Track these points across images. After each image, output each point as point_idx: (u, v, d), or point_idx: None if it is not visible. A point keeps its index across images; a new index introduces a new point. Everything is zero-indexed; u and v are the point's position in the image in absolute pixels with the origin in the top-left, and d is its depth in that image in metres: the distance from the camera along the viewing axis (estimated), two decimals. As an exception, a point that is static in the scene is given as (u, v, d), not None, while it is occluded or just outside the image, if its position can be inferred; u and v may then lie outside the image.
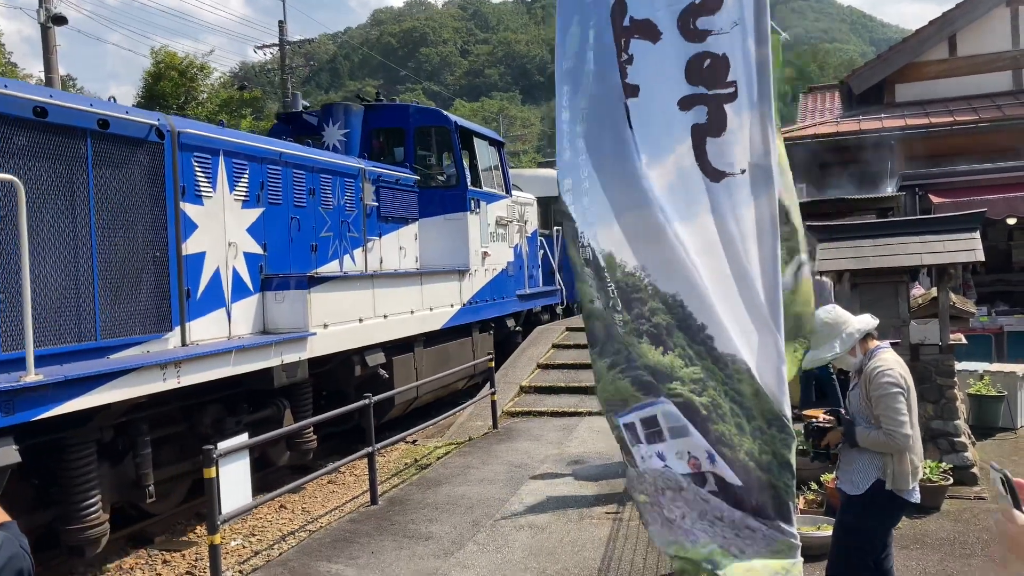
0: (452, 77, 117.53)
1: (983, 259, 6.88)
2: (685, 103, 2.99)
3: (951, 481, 6.40)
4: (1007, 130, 12.87)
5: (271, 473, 8.22)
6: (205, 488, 5.39)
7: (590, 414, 10.46)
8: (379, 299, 9.24)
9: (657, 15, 2.81)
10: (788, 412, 2.08)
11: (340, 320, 8.39)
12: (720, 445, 3.00)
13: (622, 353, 3.30)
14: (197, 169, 7.03)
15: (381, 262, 10.34)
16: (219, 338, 7.22)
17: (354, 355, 8.88)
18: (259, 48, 31.55)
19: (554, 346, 13.38)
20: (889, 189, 11.74)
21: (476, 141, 12.47)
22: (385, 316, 9.31)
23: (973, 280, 11.22)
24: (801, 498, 6.06)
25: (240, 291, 7.57)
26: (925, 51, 14.53)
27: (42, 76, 19.71)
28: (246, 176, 7.76)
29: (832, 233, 7.27)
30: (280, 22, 30.22)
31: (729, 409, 2.98)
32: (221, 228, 7.34)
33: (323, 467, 7.93)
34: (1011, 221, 10.95)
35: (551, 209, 17.87)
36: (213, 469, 5.39)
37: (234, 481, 5.74)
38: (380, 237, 10.34)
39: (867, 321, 3.98)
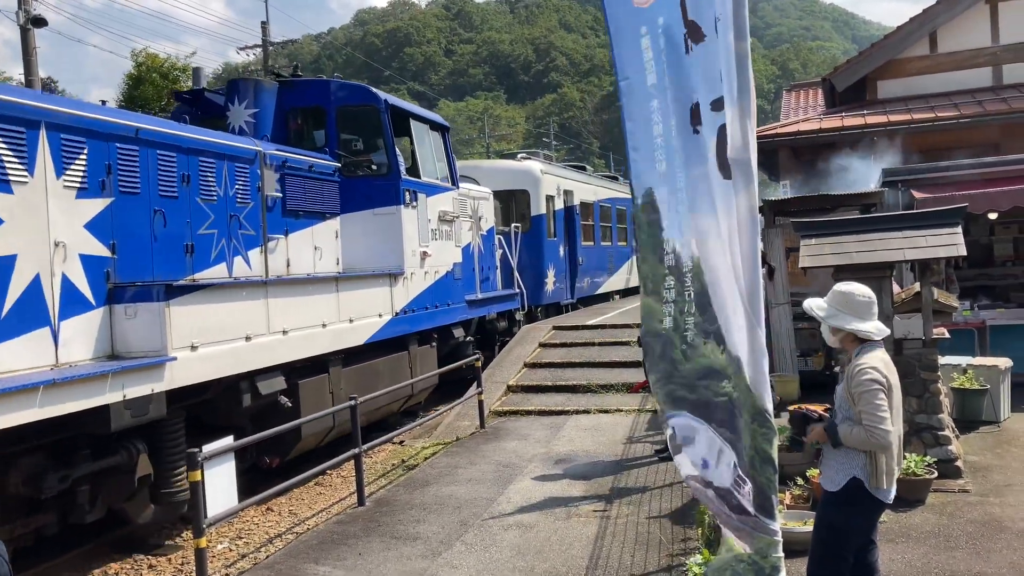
0: (436, 77, 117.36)
1: (965, 254, 6.92)
2: (717, 104, 2.98)
3: (935, 475, 6.44)
4: (988, 126, 12.96)
5: (258, 475, 8.16)
6: (191, 492, 5.36)
7: (577, 412, 10.48)
8: (276, 311, 7.62)
9: (702, 16, 2.77)
10: (770, 407, 2.08)
11: (217, 339, 6.76)
12: (739, 441, 3.01)
13: (667, 370, 3.39)
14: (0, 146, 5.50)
15: (288, 265, 8.82)
16: (39, 367, 5.59)
17: (242, 381, 7.30)
18: (242, 49, 31.41)
19: (541, 345, 13.38)
20: (872, 185, 11.80)
21: (414, 124, 10.96)
22: (285, 332, 7.71)
23: (955, 275, 11.30)
24: (787, 493, 6.08)
25: (74, 305, 5.97)
26: (906, 48, 14.61)
27: (22, 79, 19.53)
28: (83, 157, 6.18)
29: (815, 229, 7.31)
30: (263, 23, 30.11)
31: (741, 403, 3.02)
32: (42, 224, 5.78)
33: (310, 469, 7.89)
34: (992, 216, 11.03)
35: (512, 204, 16.92)
36: (199, 473, 5.36)
37: (220, 484, 5.71)
38: (286, 235, 8.81)
39: (872, 330, 3.88)
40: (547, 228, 17.53)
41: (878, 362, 3.85)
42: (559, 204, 18.41)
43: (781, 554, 2.06)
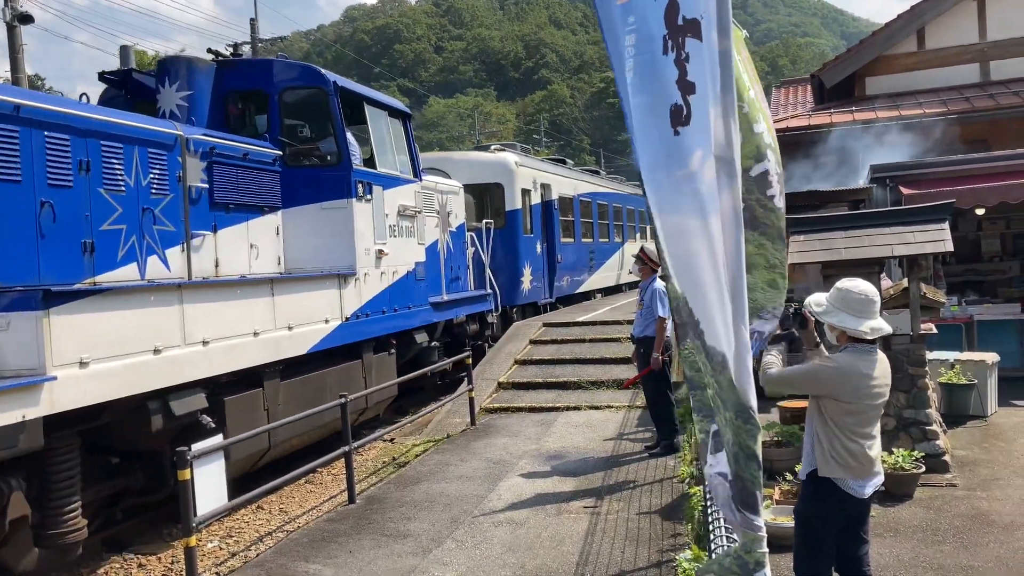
0: (426, 74, 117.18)
1: (952, 249, 6.96)
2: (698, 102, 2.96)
3: (923, 469, 6.48)
4: (975, 122, 13.03)
5: (249, 473, 8.14)
6: (180, 490, 5.34)
7: (568, 409, 10.50)
8: (195, 318, 6.64)
9: (702, 14, 2.75)
10: (754, 403, 2.09)
11: (116, 353, 5.78)
12: (719, 437, 3.03)
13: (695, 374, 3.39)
14: None
15: (217, 266, 7.85)
16: None
17: (150, 400, 6.27)
18: (230, 47, 31.24)
19: (531, 342, 13.39)
20: (860, 181, 11.85)
21: (369, 110, 9.97)
22: (205, 342, 6.72)
23: (943, 270, 11.36)
24: (776, 489, 6.11)
25: None
26: (894, 44, 14.67)
27: (9, 75, 19.43)
28: None
29: (804, 226, 7.33)
30: (252, 20, 29.99)
31: (721, 401, 3.02)
32: None
33: (300, 467, 7.89)
34: (980, 212, 11.09)
35: (487, 199, 16.01)
36: (188, 471, 5.34)
37: (209, 483, 5.70)
38: (215, 231, 7.85)
39: (864, 327, 3.86)
40: (523, 224, 16.54)
41: (844, 365, 3.88)
42: (536, 198, 17.47)
43: (765, 549, 2.07)
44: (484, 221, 14.50)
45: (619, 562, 5.55)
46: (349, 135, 9.39)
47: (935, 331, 7.58)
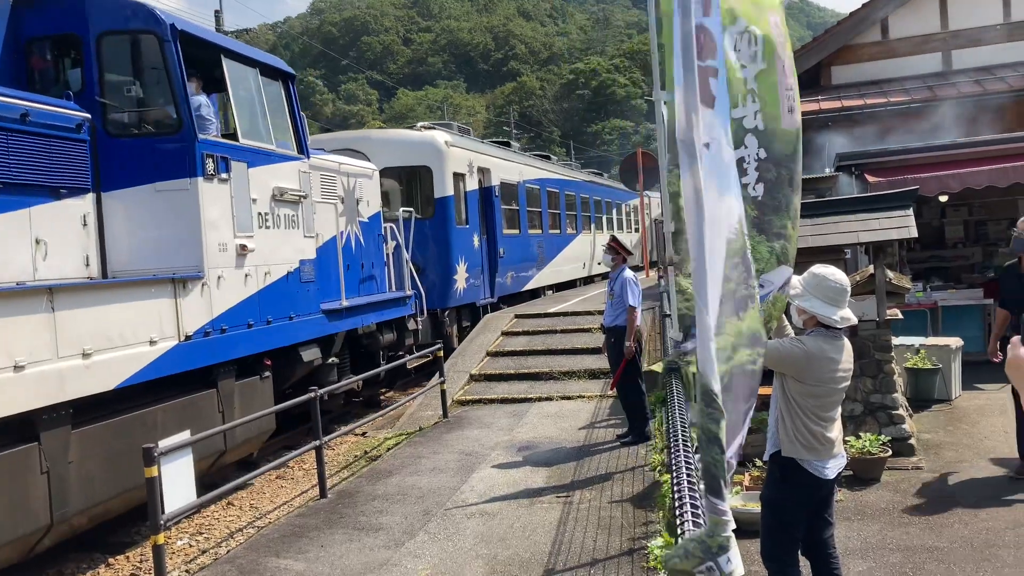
0: (395, 66, 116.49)
1: (916, 235, 7.06)
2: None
3: (890, 453, 6.58)
4: (938, 110, 13.21)
5: (217, 470, 8.07)
6: (147, 488, 5.27)
7: (540, 400, 10.52)
8: None
9: None
10: (716, 388, 2.10)
11: None
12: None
13: None
14: None
15: None
16: None
17: None
18: (195, 38, 30.81)
19: (503, 333, 13.39)
20: (827, 169, 11.96)
21: (229, 65, 7.91)
22: None
23: (908, 257, 11.52)
24: (746, 474, 6.16)
25: None
26: (859, 34, 14.81)
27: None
28: None
29: (771, 214, 7.38)
30: (216, 12, 29.59)
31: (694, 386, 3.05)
32: None
33: (271, 462, 7.83)
34: (943, 198, 11.25)
35: (415, 185, 14.01)
36: (155, 468, 5.27)
37: (177, 479, 5.63)
38: None
39: (835, 317, 3.90)
40: (456, 213, 14.36)
41: (810, 347, 3.92)
42: (472, 184, 15.21)
43: (729, 533, 2.08)
44: (402, 210, 12.18)
45: (591, 550, 5.57)
46: (201, 97, 7.61)
47: (901, 317, 7.69)
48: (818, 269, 3.99)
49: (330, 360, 9.65)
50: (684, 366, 3.09)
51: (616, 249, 8.67)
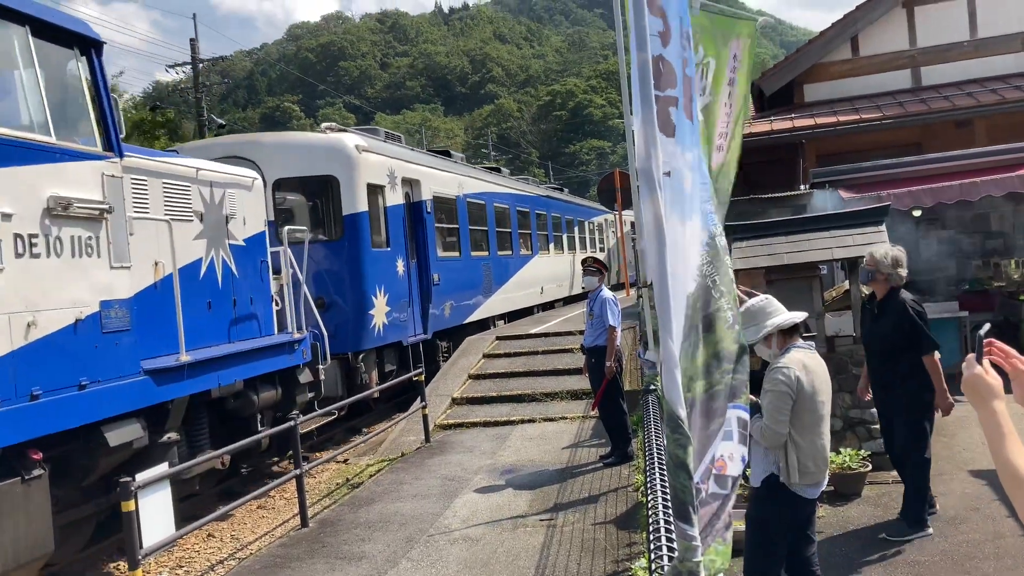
0: (372, 90, 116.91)
1: (889, 251, 7.11)
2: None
3: (870, 467, 6.60)
4: (909, 126, 13.40)
5: (197, 501, 7.98)
6: (123, 522, 5.20)
7: (523, 422, 10.49)
8: None
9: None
10: (682, 413, 2.11)
11: None
12: None
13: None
14: None
15: None
16: None
17: None
18: (171, 67, 30.84)
19: (485, 356, 13.37)
20: (802, 187, 12.10)
21: None
22: None
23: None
24: (728, 493, 6.16)
25: None
26: (830, 52, 15.02)
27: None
28: None
29: (746, 232, 7.45)
30: (191, 40, 29.60)
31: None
32: None
33: (252, 492, 7.75)
34: (916, 213, 11.38)
35: (322, 200, 11.40)
36: (132, 502, 5.21)
37: (155, 513, 5.56)
38: None
39: (787, 317, 4.05)
40: (371, 233, 11.63)
41: (796, 364, 3.96)
42: (395, 198, 12.54)
43: (699, 558, 2.09)
44: (287, 229, 9.49)
45: (575, 573, 5.55)
46: None
47: (877, 331, 7.72)
48: (740, 309, 4.10)
49: (165, 437, 6.95)
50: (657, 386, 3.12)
51: (598, 269, 8.70)
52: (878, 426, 7.15)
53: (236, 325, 8.30)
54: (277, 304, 9.10)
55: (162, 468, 6.05)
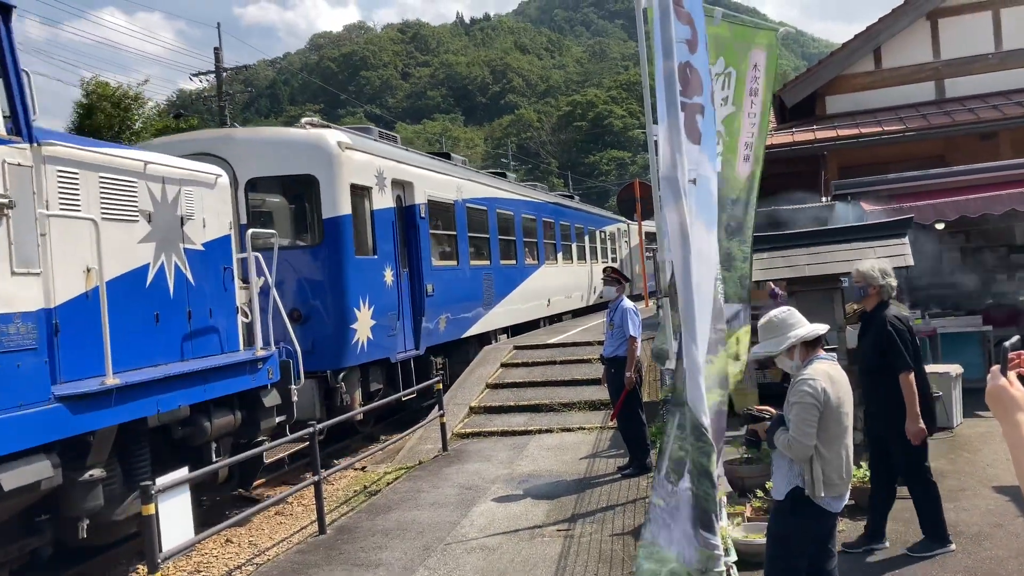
0: (394, 100, 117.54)
1: (912, 263, 7.08)
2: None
3: (891, 482, 6.51)
4: (932, 139, 13.31)
5: (215, 506, 8.02)
6: (144, 525, 5.24)
7: (540, 432, 10.47)
8: None
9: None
10: (706, 422, 2.10)
11: None
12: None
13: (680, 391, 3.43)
14: None
15: None
16: None
17: None
18: (195, 76, 31.17)
19: (503, 365, 13.37)
20: (823, 199, 12.03)
21: None
22: None
23: (906, 285, 11.53)
24: (748, 506, 6.12)
25: None
26: (852, 64, 14.96)
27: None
28: None
29: (767, 243, 7.42)
30: (215, 49, 29.92)
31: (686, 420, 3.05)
32: None
33: (270, 498, 7.78)
34: (940, 226, 11.29)
35: (305, 202, 10.50)
36: (152, 505, 5.24)
37: (175, 516, 5.60)
38: None
39: (810, 330, 4.01)
40: (355, 239, 10.68)
41: (821, 375, 3.92)
42: (383, 201, 11.55)
43: (722, 568, 2.07)
44: (251, 232, 8.61)
45: (592, 585, 5.52)
46: None
47: (899, 344, 7.65)
48: (762, 322, 4.10)
49: (87, 475, 5.95)
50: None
51: (618, 279, 8.69)
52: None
53: (192, 340, 7.37)
54: (246, 316, 8.19)
55: (182, 472, 6.08)
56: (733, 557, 2.23)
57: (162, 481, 5.50)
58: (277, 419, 8.25)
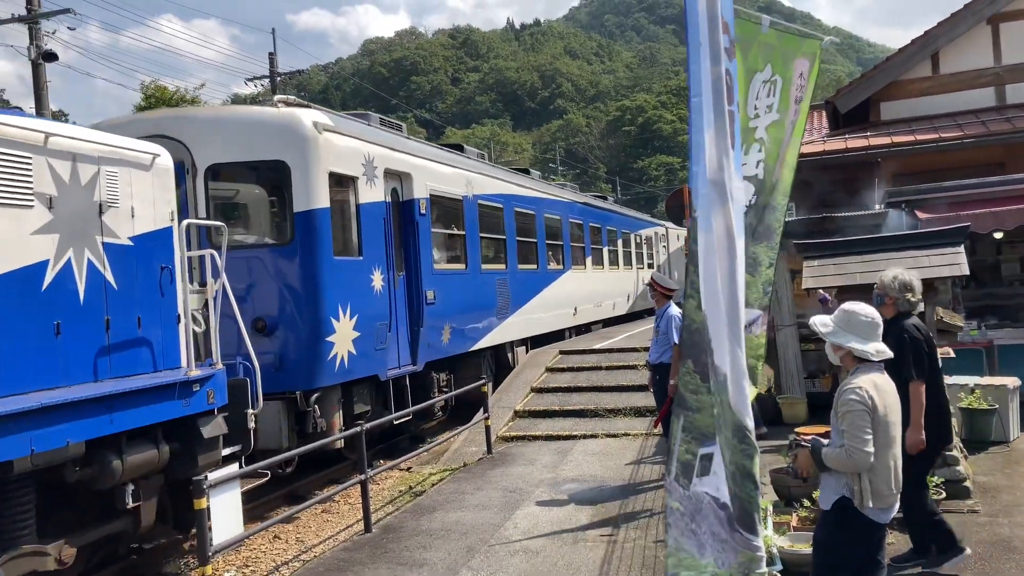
0: (444, 105, 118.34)
1: (968, 273, 6.93)
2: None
3: (944, 495, 6.40)
4: (992, 145, 12.99)
5: (263, 503, 8.17)
6: (196, 519, 5.37)
7: (584, 437, 10.46)
8: None
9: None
10: (750, 424, 2.10)
11: None
12: (708, 461, 3.04)
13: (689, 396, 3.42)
14: None
15: None
16: None
17: None
18: (249, 80, 31.77)
19: (548, 369, 13.38)
20: (877, 206, 11.83)
21: None
22: None
23: (962, 294, 11.27)
24: (794, 515, 6.05)
25: None
26: (908, 69, 14.67)
27: (33, 111, 19.84)
28: None
29: (818, 250, 7.33)
30: (270, 54, 30.47)
31: (723, 422, 3.04)
32: None
33: (317, 496, 7.90)
34: (998, 235, 11.02)
35: (275, 193, 9.02)
36: (204, 500, 5.37)
37: (225, 511, 5.72)
38: None
39: (866, 349, 3.89)
40: (334, 236, 9.10)
41: (867, 383, 3.87)
42: (374, 194, 9.95)
43: (764, 570, 2.07)
44: (187, 222, 6.97)
45: (635, 591, 5.50)
46: None
47: (952, 355, 7.52)
48: (848, 305, 4.00)
49: None
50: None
51: (655, 287, 8.69)
52: (952, 452, 6.94)
53: (110, 356, 5.88)
54: (200, 326, 6.81)
55: (232, 468, 6.22)
56: (778, 566, 2.21)
57: (215, 476, 5.63)
58: (225, 451, 6.62)
